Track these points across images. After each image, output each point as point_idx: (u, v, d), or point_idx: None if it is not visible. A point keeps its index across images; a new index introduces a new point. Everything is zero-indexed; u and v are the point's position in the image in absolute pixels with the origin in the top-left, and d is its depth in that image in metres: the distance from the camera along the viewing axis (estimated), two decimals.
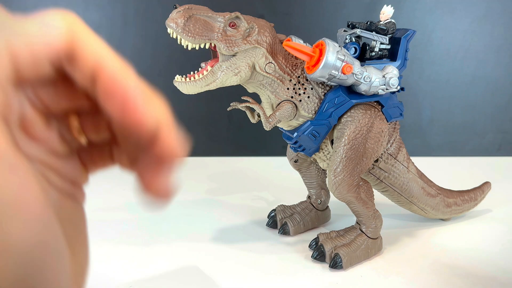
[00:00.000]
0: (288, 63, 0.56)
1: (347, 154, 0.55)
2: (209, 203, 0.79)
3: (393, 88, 0.55)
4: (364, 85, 0.54)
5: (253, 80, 0.55)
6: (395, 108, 0.59)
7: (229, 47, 0.51)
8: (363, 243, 0.58)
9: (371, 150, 0.57)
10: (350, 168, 0.55)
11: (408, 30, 0.56)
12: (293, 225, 0.65)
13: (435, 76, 1.07)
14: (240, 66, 0.52)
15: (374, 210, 0.58)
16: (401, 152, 0.62)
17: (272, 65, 0.54)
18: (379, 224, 0.59)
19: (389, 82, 0.55)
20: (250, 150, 1.09)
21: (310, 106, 0.56)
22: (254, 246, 0.63)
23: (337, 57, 0.51)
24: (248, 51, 0.52)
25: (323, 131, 0.57)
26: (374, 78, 0.54)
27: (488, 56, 1.06)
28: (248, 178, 0.94)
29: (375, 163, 0.61)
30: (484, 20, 1.03)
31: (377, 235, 0.60)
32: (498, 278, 0.55)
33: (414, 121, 1.10)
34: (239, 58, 0.52)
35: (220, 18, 0.51)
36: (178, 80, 0.52)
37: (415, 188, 0.64)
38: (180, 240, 0.64)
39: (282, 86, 0.55)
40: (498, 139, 1.12)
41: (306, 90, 0.56)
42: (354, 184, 0.56)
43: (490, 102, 1.09)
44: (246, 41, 0.52)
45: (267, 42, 0.53)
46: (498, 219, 0.72)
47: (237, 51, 0.51)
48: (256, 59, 0.53)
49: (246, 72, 0.53)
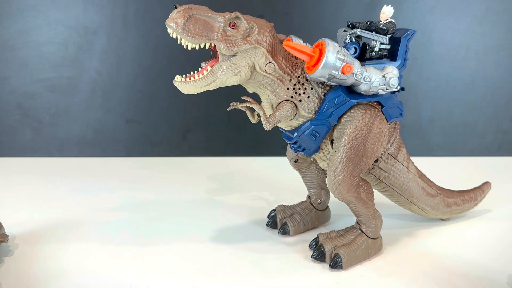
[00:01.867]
0: (288, 63, 0.55)
1: (347, 154, 0.55)
2: (209, 203, 0.79)
3: (393, 88, 0.55)
4: (364, 85, 0.54)
5: (253, 80, 0.55)
6: (395, 108, 0.59)
7: (229, 47, 0.51)
8: (363, 243, 0.58)
9: (371, 150, 0.56)
10: (350, 168, 0.55)
11: (408, 30, 0.56)
12: (293, 225, 0.65)
13: (435, 76, 1.07)
14: (240, 66, 0.52)
15: (374, 210, 0.58)
16: (401, 152, 0.62)
17: (272, 65, 0.54)
18: (379, 224, 0.59)
19: (389, 82, 0.54)
20: (250, 150, 1.09)
21: (310, 106, 0.56)
22: (254, 246, 0.63)
23: (337, 57, 0.51)
24: (248, 51, 0.52)
25: (323, 131, 0.57)
26: (374, 78, 0.54)
27: (488, 56, 1.06)
28: (248, 178, 0.94)
29: (375, 163, 0.61)
30: (484, 20, 1.03)
31: (377, 235, 0.59)
32: (498, 278, 0.55)
33: (414, 121, 1.10)
34: (239, 58, 0.52)
35: (220, 18, 0.51)
36: (178, 80, 0.52)
37: (415, 188, 0.64)
38: (180, 240, 0.64)
39: (282, 86, 0.55)
40: (498, 139, 1.12)
41: (306, 90, 0.55)
42: (354, 184, 0.56)
43: (490, 102, 1.09)
44: (246, 41, 0.51)
45: (267, 42, 0.53)
46: (498, 219, 0.72)
47: (237, 51, 0.51)
48: (256, 59, 0.53)
49: (246, 72, 0.53)
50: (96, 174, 0.95)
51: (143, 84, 1.05)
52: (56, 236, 0.65)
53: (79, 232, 0.66)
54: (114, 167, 1.01)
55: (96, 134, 1.08)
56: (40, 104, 1.05)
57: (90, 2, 0.99)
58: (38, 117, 1.06)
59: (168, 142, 1.09)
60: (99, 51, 1.02)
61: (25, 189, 0.85)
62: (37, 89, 1.04)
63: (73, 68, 1.03)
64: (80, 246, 0.62)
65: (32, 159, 1.06)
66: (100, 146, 1.09)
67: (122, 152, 1.09)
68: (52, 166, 1.01)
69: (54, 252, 0.60)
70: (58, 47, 1.02)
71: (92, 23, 1.01)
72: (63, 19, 1.00)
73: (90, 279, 0.54)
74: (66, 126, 1.07)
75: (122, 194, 0.83)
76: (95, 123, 1.07)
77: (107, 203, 0.78)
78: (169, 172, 0.98)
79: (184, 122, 1.08)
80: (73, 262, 0.58)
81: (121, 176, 0.94)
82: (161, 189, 0.86)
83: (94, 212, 0.74)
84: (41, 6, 0.99)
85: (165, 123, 1.08)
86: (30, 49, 1.02)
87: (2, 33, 1.00)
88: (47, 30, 1.00)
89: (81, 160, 1.06)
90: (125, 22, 1.01)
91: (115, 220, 0.71)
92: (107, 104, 1.06)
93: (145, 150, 1.09)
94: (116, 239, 0.64)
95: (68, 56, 1.02)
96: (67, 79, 1.04)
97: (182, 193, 0.84)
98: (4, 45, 1.01)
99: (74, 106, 1.06)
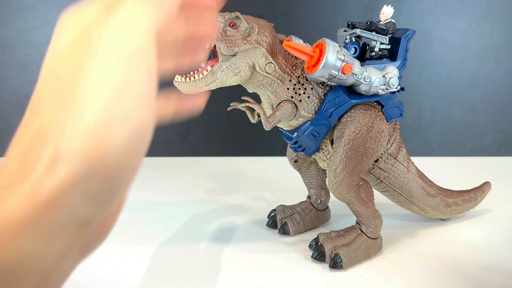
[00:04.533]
0: (288, 63, 0.55)
1: (347, 154, 0.55)
2: (209, 203, 0.79)
3: (393, 88, 0.55)
4: (364, 85, 0.54)
5: (253, 80, 0.55)
6: (395, 108, 0.59)
7: (229, 47, 0.51)
8: (363, 243, 0.58)
9: (371, 150, 0.57)
10: (350, 168, 0.55)
11: (408, 30, 0.56)
12: (293, 225, 0.65)
13: (435, 76, 1.07)
14: (240, 66, 0.52)
15: (374, 210, 0.58)
16: (401, 152, 0.62)
17: (272, 65, 0.54)
18: (379, 224, 0.59)
19: (389, 82, 0.55)
20: (250, 150, 1.09)
21: (310, 106, 0.56)
22: (254, 246, 0.63)
23: (337, 57, 0.51)
24: (248, 51, 0.52)
25: (323, 131, 0.57)
26: (374, 78, 0.54)
27: (488, 56, 1.06)
28: (248, 178, 0.94)
29: (375, 163, 0.61)
30: (484, 20, 1.03)
31: (377, 235, 0.59)
32: (498, 278, 0.55)
33: (414, 121, 1.10)
34: (239, 58, 0.52)
35: (220, 18, 0.51)
36: (178, 80, 0.52)
37: (415, 188, 0.64)
38: (180, 240, 0.64)
39: (282, 86, 0.55)
40: (498, 139, 1.12)
41: (306, 90, 0.56)
42: (354, 184, 0.56)
43: (490, 102, 1.09)
44: (246, 41, 0.52)
45: (267, 42, 0.53)
46: (498, 219, 0.72)
47: (237, 51, 0.51)
48: (256, 59, 0.53)
49: (246, 72, 0.53)
50: None
51: None
52: None
53: None
54: None
55: None
56: None
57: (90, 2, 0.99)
58: None
59: (168, 142, 1.09)
60: None
61: None
62: None
63: None
64: None
65: None
66: None
67: None
68: None
69: None
70: None
71: None
72: None
73: (90, 279, 0.54)
74: None
75: None
76: None
77: None
78: (169, 172, 0.98)
79: (184, 122, 1.08)
80: None
81: None
82: (161, 189, 0.86)
83: None
84: (41, 6, 0.99)
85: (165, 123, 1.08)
86: (30, 49, 1.02)
87: (2, 33, 1.00)
88: (47, 30, 1.00)
89: None
90: None
91: None
92: None
93: None
94: (116, 239, 0.64)
95: None
96: None
97: (182, 193, 0.84)
98: (4, 45, 1.01)
99: None
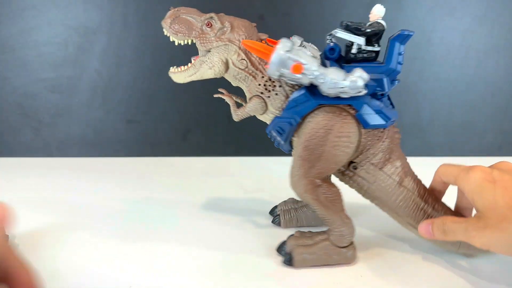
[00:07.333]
0: (262, 61, 0.58)
1: (302, 154, 0.55)
2: (209, 203, 0.79)
3: (356, 92, 0.52)
4: (323, 86, 0.52)
5: (229, 74, 0.60)
6: (375, 115, 0.55)
7: (202, 43, 0.58)
8: (323, 248, 0.56)
9: (329, 154, 0.55)
10: (305, 168, 0.55)
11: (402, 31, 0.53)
12: (285, 219, 0.69)
13: (435, 76, 1.07)
14: (214, 61, 0.58)
15: (342, 217, 0.56)
16: (391, 164, 0.57)
17: (245, 62, 0.58)
18: (347, 233, 0.56)
19: (351, 85, 0.51)
20: (250, 150, 1.09)
21: (277, 103, 0.58)
22: (254, 246, 0.63)
23: (287, 56, 0.51)
24: (220, 48, 0.58)
25: (286, 128, 0.58)
26: (329, 79, 0.51)
27: (488, 56, 1.06)
28: (248, 178, 0.94)
29: (354, 170, 0.58)
30: (484, 20, 1.03)
31: (344, 243, 0.56)
32: (498, 278, 0.55)
33: (414, 121, 1.10)
34: (213, 53, 0.58)
35: (200, 18, 0.57)
36: (171, 70, 0.61)
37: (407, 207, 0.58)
38: (180, 240, 0.64)
39: (254, 81, 0.59)
40: (498, 139, 1.12)
41: (275, 88, 0.58)
42: (310, 186, 0.55)
43: (490, 102, 1.09)
44: (218, 39, 0.57)
45: (239, 40, 0.58)
46: None
47: (210, 48, 0.58)
48: (229, 55, 0.58)
49: (219, 67, 0.58)
50: (96, 174, 0.95)
51: (143, 84, 1.05)
52: (56, 236, 0.65)
53: (79, 232, 0.66)
54: (114, 167, 1.01)
55: (96, 134, 1.08)
56: (40, 104, 1.05)
57: (90, 2, 0.99)
58: (38, 117, 1.06)
59: (168, 142, 1.09)
60: (99, 51, 1.02)
61: (25, 189, 0.85)
62: (37, 89, 1.04)
63: (73, 68, 1.03)
64: (80, 246, 0.62)
65: (32, 159, 1.06)
66: (100, 146, 1.09)
67: (122, 152, 1.09)
68: (52, 166, 1.01)
69: (54, 251, 0.60)
70: (58, 47, 1.02)
71: (92, 23, 1.01)
72: (63, 19, 1.00)
73: (90, 279, 0.54)
74: (66, 126, 1.07)
75: (122, 194, 0.83)
76: (95, 123, 1.07)
77: (107, 204, 0.78)
78: (169, 172, 0.98)
79: (184, 122, 1.08)
80: (73, 262, 0.58)
81: (121, 176, 0.94)
82: (161, 189, 0.86)
83: (94, 212, 0.74)
84: (41, 6, 0.99)
85: (165, 123, 1.08)
86: (30, 49, 1.02)
87: (2, 33, 1.00)
88: (47, 30, 1.00)
89: (81, 160, 1.06)
90: (125, 22, 1.01)
91: (115, 220, 0.71)
92: (107, 104, 1.06)
93: (145, 150, 1.09)
94: (116, 239, 0.64)
95: (68, 56, 1.02)
96: (67, 79, 1.04)
97: (182, 193, 0.84)
98: (4, 45, 1.01)
99: (74, 106, 1.06)
